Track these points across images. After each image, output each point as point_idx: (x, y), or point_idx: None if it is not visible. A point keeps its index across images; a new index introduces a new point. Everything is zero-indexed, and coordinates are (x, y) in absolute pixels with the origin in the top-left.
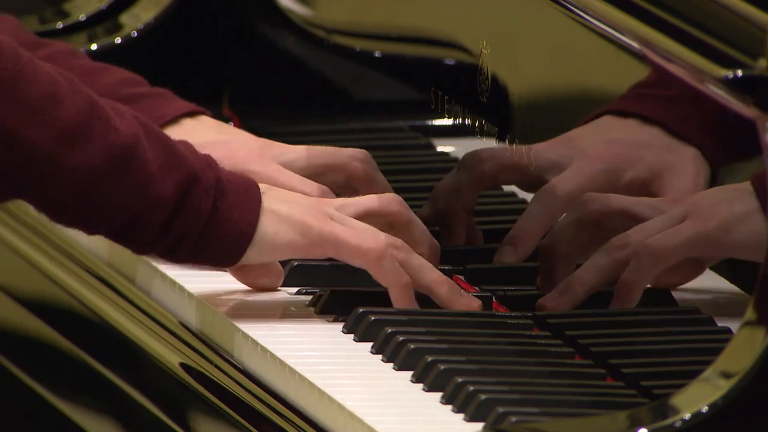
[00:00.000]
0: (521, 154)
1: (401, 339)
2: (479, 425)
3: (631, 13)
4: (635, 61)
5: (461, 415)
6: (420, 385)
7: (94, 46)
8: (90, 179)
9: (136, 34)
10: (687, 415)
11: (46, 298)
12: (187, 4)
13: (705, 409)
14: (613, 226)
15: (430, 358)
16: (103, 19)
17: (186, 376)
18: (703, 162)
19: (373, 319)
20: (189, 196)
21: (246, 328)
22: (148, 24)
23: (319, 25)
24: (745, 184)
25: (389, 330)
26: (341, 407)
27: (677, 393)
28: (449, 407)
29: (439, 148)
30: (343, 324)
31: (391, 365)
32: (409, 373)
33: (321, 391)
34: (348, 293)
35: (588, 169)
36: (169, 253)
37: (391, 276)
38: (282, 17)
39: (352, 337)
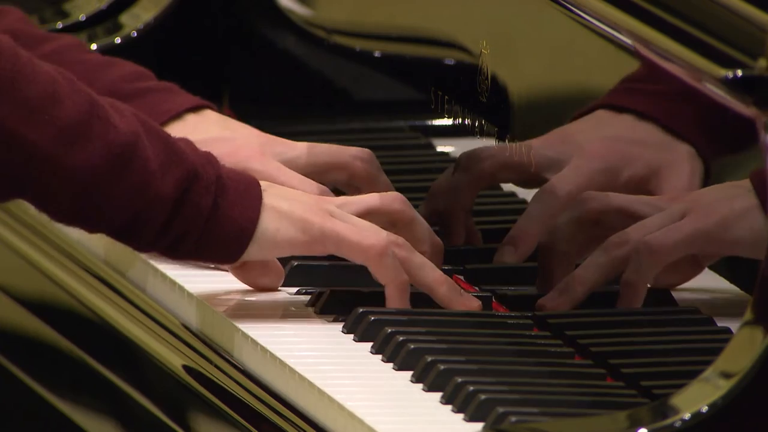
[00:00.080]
0: (519, 152)
1: (401, 339)
2: (479, 425)
3: (631, 13)
4: (635, 62)
5: (461, 415)
6: (420, 385)
7: (94, 46)
8: (90, 178)
9: (136, 34)
10: (687, 415)
11: (46, 298)
12: (187, 4)
13: (705, 409)
14: (612, 224)
15: (429, 358)
16: (103, 19)
17: (186, 376)
18: (697, 159)
19: (373, 319)
20: (189, 193)
21: (246, 328)
22: (148, 24)
23: (319, 25)
24: (744, 182)
25: (389, 330)
26: (341, 407)
27: (677, 393)
28: (449, 407)
29: (439, 148)
30: (343, 324)
31: (391, 365)
32: (409, 373)
33: (321, 391)
34: (348, 293)
35: (587, 167)
36: (171, 250)
37: (391, 274)
38: (282, 17)
39: (352, 337)
